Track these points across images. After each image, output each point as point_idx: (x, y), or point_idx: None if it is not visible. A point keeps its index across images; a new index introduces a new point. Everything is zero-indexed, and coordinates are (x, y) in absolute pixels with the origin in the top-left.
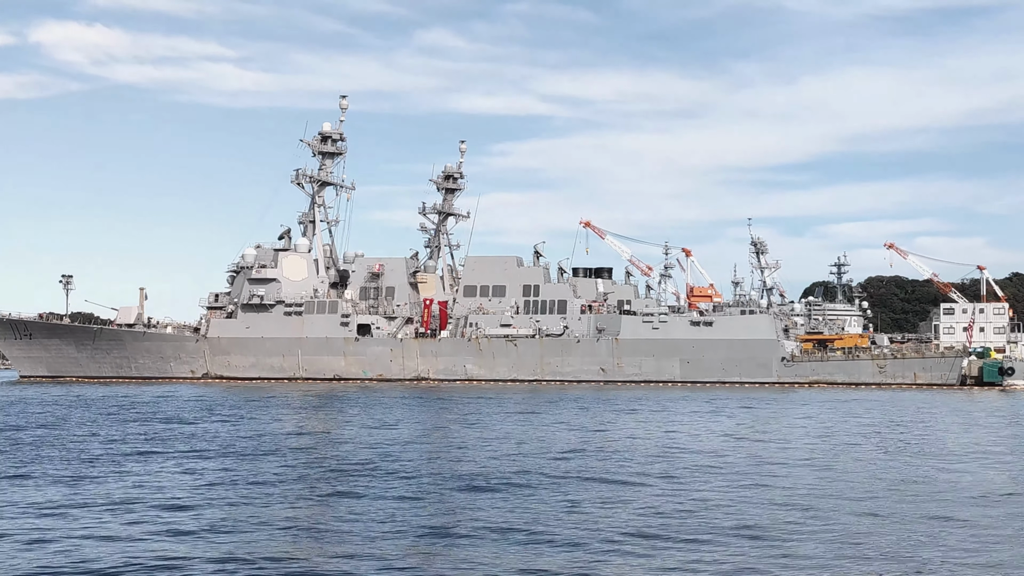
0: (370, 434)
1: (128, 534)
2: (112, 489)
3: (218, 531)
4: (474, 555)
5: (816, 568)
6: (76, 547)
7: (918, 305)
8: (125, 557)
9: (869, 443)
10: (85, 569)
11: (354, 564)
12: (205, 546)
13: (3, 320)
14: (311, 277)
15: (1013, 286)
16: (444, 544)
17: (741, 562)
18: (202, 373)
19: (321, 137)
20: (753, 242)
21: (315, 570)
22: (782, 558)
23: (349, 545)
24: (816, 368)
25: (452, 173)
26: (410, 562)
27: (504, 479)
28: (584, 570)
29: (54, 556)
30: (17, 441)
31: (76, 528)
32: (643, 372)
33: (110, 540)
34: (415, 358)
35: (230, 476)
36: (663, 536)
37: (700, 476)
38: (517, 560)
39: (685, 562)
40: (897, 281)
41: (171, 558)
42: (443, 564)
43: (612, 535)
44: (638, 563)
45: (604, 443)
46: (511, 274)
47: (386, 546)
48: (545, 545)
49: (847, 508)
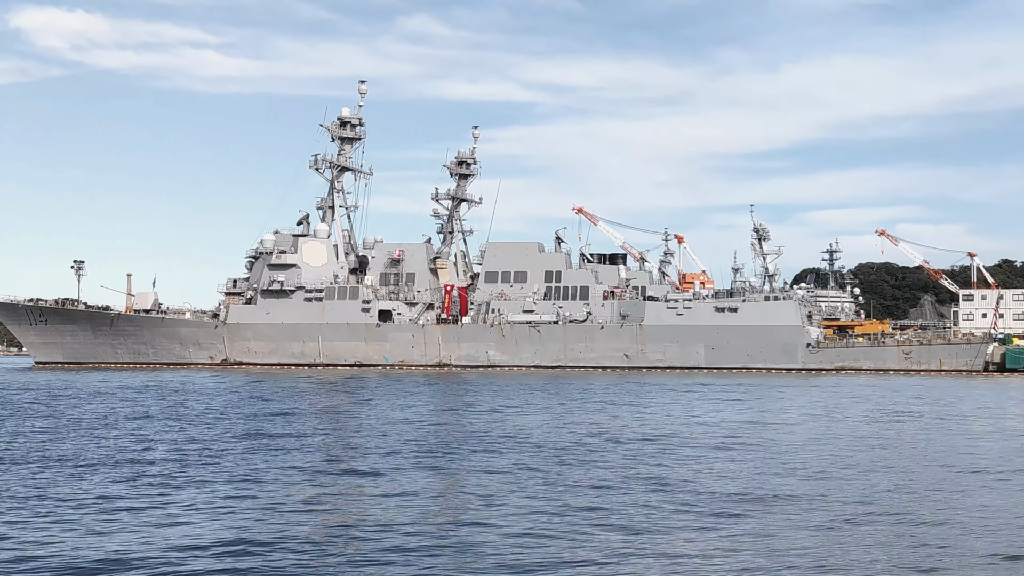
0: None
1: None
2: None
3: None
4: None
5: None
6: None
7: (908, 292)
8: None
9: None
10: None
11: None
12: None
13: (18, 306)
14: (331, 263)
15: (1003, 273)
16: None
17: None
18: (221, 359)
19: (340, 122)
20: (755, 228)
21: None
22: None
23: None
24: (841, 354)
25: (466, 159)
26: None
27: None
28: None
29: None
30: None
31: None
32: (667, 358)
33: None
34: (437, 344)
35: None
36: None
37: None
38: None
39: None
40: (888, 268)
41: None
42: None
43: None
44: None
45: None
46: (532, 260)
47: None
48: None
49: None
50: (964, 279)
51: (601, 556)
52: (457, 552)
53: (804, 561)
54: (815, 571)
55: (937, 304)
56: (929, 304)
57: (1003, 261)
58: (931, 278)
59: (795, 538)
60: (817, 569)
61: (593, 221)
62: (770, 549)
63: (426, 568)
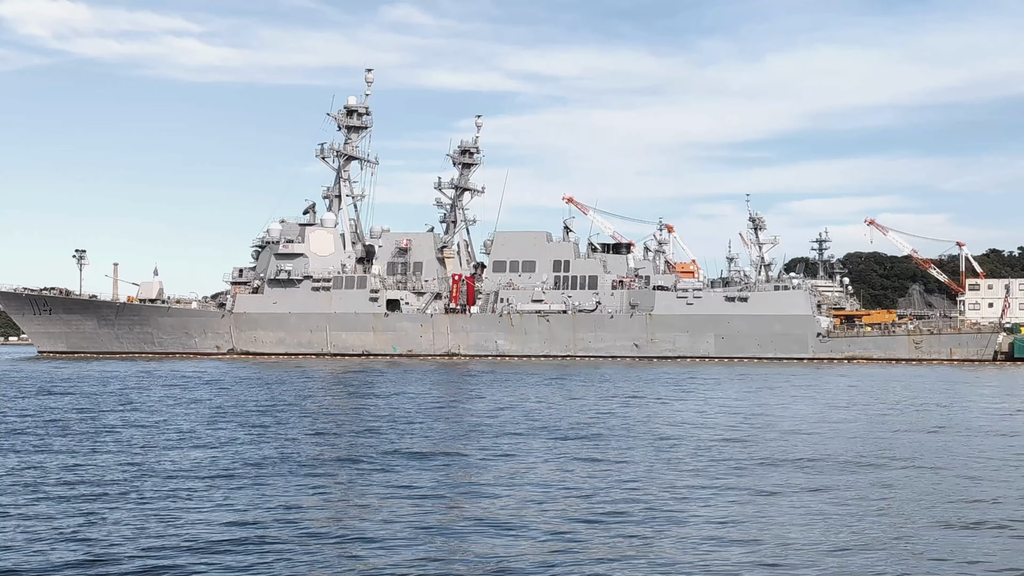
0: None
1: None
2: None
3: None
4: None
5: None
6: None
7: (897, 281)
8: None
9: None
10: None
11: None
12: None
13: (22, 295)
14: (338, 252)
15: (991, 262)
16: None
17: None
18: (227, 349)
19: (347, 111)
20: (751, 217)
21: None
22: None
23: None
24: (851, 344)
25: (469, 148)
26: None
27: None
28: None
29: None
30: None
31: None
32: (677, 348)
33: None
34: (446, 334)
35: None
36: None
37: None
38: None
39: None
40: (876, 257)
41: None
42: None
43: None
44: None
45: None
46: (541, 249)
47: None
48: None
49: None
50: (952, 269)
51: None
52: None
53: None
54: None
55: (925, 293)
56: (917, 293)
57: (991, 250)
58: (920, 267)
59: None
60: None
61: (583, 211)
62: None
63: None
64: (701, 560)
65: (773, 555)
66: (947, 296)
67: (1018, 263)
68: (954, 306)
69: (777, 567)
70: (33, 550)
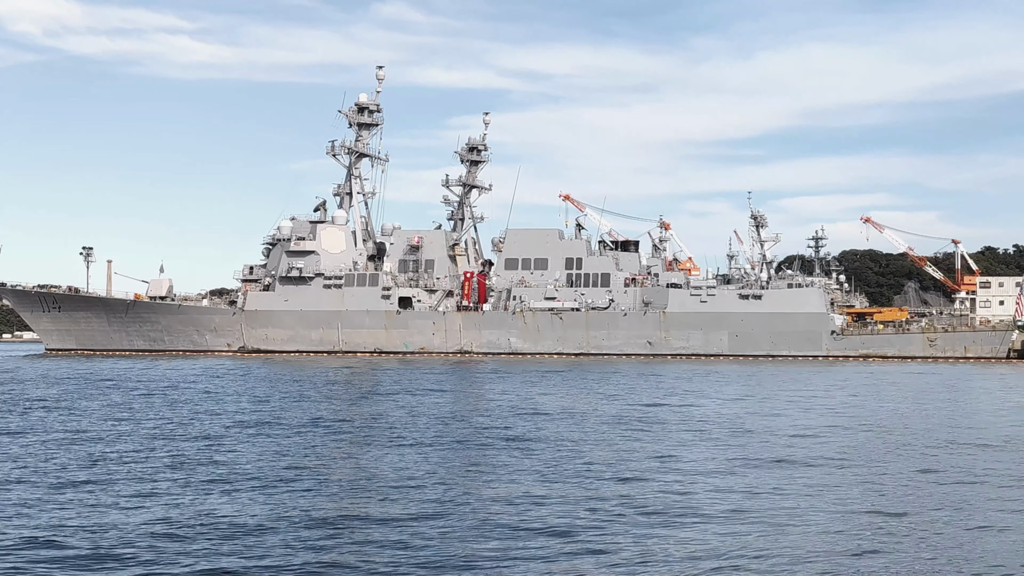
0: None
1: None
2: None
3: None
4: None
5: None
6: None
7: (892, 279)
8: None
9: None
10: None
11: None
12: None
13: (31, 293)
14: (350, 250)
15: (986, 260)
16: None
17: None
18: (238, 346)
19: (358, 108)
20: (753, 215)
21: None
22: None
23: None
24: (866, 342)
25: (476, 145)
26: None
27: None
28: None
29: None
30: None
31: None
32: (691, 346)
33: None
34: (458, 332)
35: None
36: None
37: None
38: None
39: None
40: (871, 255)
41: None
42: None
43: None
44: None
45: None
46: (553, 247)
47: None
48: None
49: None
50: (948, 266)
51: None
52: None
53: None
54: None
55: (921, 291)
56: (913, 291)
57: (986, 248)
58: (915, 265)
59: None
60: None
61: (580, 208)
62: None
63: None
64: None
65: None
66: (943, 294)
67: (1013, 261)
68: (951, 303)
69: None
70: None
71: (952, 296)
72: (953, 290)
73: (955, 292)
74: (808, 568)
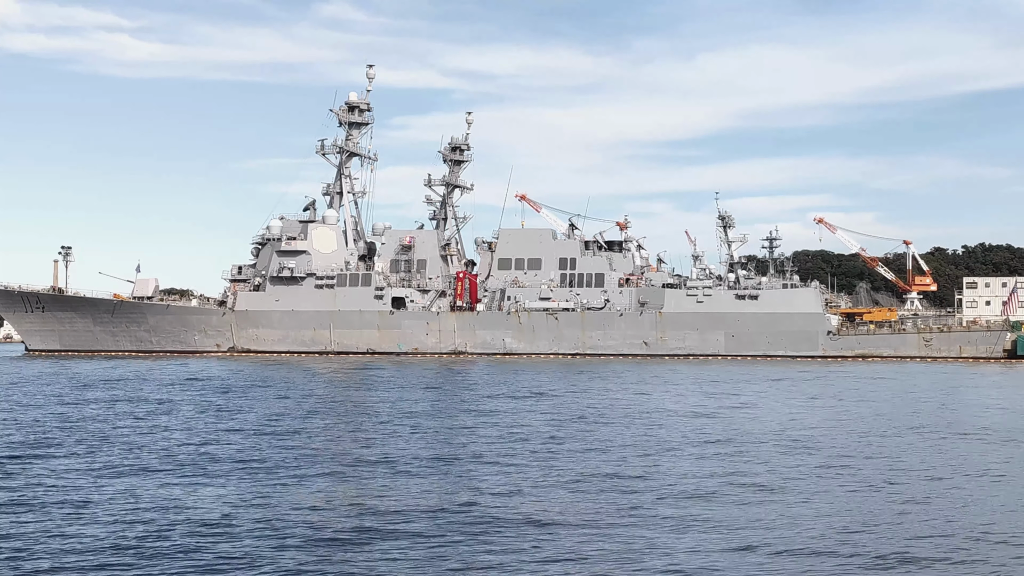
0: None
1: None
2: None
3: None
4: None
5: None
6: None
7: (844, 279)
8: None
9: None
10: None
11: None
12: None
13: (14, 293)
14: (341, 249)
15: (936, 260)
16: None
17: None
18: (228, 347)
19: (348, 107)
20: (720, 216)
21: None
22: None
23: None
24: (861, 342)
25: (459, 145)
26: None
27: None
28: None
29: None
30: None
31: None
32: (687, 346)
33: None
34: (452, 332)
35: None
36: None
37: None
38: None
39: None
40: (824, 255)
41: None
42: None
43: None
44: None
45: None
46: (547, 247)
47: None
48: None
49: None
50: (899, 267)
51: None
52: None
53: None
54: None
55: (872, 291)
56: (864, 291)
57: (935, 249)
58: (868, 266)
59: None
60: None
61: (536, 208)
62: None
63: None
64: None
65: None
66: (894, 294)
67: (963, 262)
68: (901, 304)
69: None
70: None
71: (903, 297)
72: (904, 290)
73: (906, 293)
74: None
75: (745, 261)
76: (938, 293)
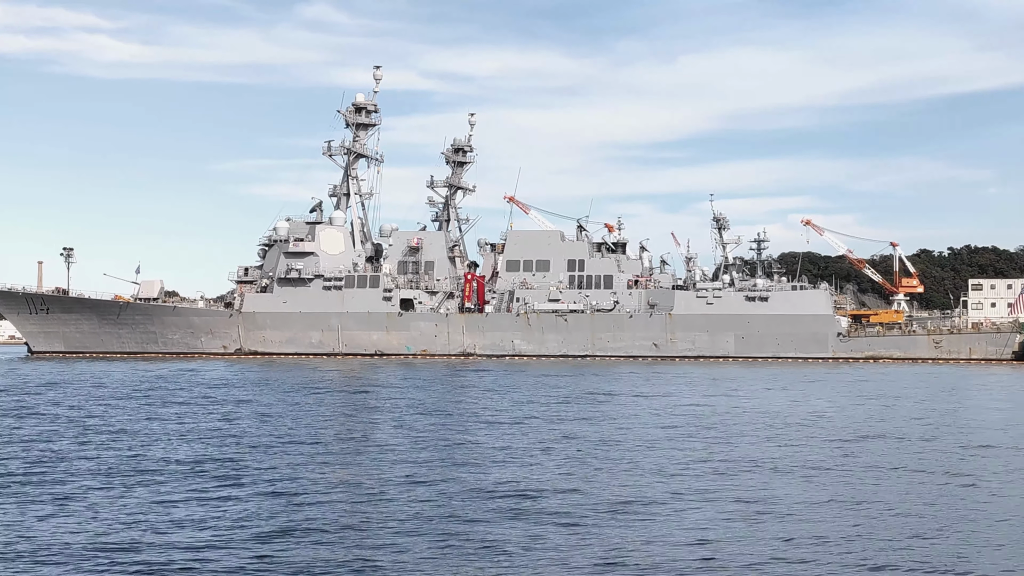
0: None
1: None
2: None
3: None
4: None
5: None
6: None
7: (831, 281)
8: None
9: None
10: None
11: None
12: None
13: (18, 294)
14: (348, 251)
15: (922, 262)
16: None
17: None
18: (235, 349)
19: (355, 108)
20: (715, 217)
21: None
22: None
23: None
24: (871, 343)
25: (462, 146)
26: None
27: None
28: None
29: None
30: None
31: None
32: (697, 348)
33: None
34: (461, 333)
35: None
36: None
37: None
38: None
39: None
40: (810, 257)
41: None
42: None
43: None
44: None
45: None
46: (555, 248)
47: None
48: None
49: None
50: (886, 269)
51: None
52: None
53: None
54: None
55: (859, 293)
56: (851, 293)
57: (921, 250)
58: (855, 267)
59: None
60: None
61: (524, 210)
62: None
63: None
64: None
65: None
66: (880, 296)
67: (948, 263)
68: (888, 305)
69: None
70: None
71: (890, 298)
72: (891, 292)
73: (893, 294)
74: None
75: (741, 264)
76: (924, 295)
